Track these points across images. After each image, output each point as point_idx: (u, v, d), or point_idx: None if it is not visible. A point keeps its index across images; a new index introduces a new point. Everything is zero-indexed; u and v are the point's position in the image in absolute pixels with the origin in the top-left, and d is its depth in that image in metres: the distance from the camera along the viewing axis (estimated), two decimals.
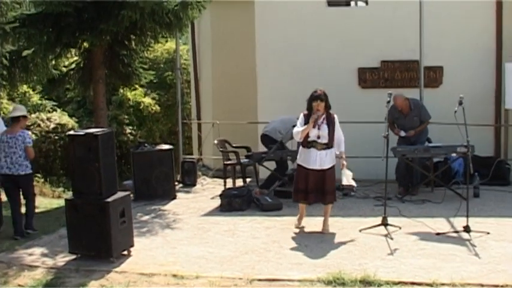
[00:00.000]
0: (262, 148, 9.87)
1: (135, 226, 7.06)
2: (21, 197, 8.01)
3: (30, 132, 8.36)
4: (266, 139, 9.51)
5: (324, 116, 7.14)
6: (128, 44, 10.48)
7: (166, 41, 16.85)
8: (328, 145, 7.17)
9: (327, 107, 7.20)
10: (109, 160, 6.45)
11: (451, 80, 10.35)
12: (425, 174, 9.20)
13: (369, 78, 10.68)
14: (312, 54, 10.77)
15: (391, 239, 6.87)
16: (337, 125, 7.25)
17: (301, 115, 7.26)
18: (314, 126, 7.10)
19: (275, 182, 9.36)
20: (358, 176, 9.92)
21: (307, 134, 7.12)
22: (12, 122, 7.98)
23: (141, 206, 9.02)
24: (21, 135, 7.81)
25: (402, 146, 9.01)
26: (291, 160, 9.02)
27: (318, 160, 7.14)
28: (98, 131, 6.42)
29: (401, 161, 9.06)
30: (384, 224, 7.19)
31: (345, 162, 7.32)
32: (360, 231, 7.22)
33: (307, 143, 7.18)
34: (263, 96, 10.97)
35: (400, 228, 7.21)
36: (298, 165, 7.33)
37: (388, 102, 7.44)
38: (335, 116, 7.26)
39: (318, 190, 7.23)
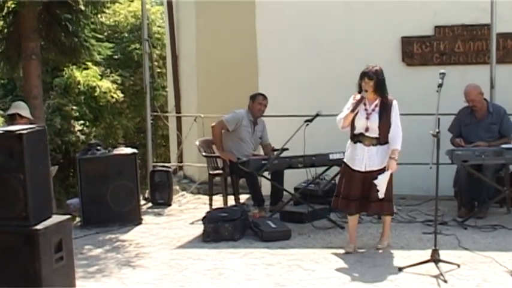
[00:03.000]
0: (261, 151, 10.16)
1: (80, 264, 7.20)
2: None
3: None
4: None
5: (376, 102, 7.65)
6: (74, 4, 10.51)
7: (132, 1, 16.91)
8: (380, 140, 7.62)
9: (380, 90, 7.65)
10: (40, 170, 6.39)
11: None
12: (498, 189, 9.22)
13: (417, 51, 10.74)
14: (335, 21, 10.82)
15: (445, 281, 6.80)
16: (396, 115, 7.70)
17: (351, 97, 7.78)
18: (353, 111, 7.60)
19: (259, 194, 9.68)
20: (400, 190, 9.90)
21: (353, 123, 7.63)
22: (9, 120, 9.35)
23: (91, 235, 9.10)
24: None
25: (463, 149, 8.99)
26: (303, 167, 9.18)
27: (366, 159, 7.63)
28: (22, 129, 6.33)
29: (462, 170, 9.08)
30: (435, 259, 7.15)
31: (394, 165, 7.61)
32: (401, 269, 7.18)
33: (353, 136, 7.74)
34: (266, 82, 11.01)
35: (458, 266, 7.17)
36: (344, 163, 7.93)
37: (440, 86, 7.44)
38: (394, 102, 7.72)
39: (364, 197, 7.68)
